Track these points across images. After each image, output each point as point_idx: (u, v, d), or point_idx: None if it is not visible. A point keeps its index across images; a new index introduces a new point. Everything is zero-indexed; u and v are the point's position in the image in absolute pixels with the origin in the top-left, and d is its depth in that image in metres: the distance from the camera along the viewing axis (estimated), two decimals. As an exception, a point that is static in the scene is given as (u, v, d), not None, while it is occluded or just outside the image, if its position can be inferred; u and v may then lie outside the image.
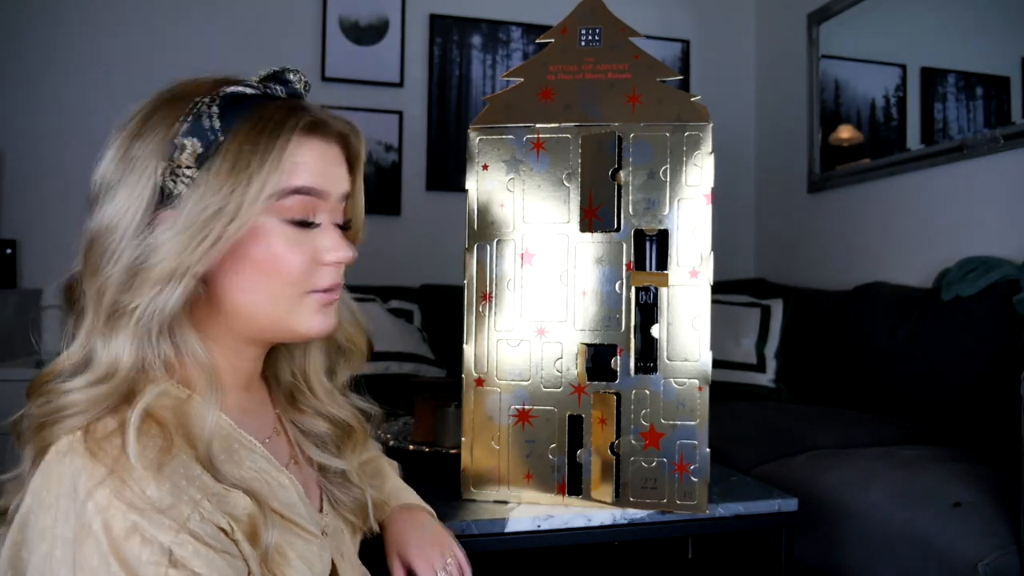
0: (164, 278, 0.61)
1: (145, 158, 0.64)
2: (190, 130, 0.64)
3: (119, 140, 0.66)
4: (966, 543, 1.30)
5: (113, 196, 0.64)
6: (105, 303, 0.62)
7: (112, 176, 0.65)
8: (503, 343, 1.13)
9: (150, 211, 0.63)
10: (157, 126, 0.65)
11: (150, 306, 0.61)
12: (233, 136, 0.64)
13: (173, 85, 0.68)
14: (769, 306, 2.69)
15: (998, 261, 2.07)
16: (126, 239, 0.63)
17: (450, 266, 2.82)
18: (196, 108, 0.65)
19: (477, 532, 1.07)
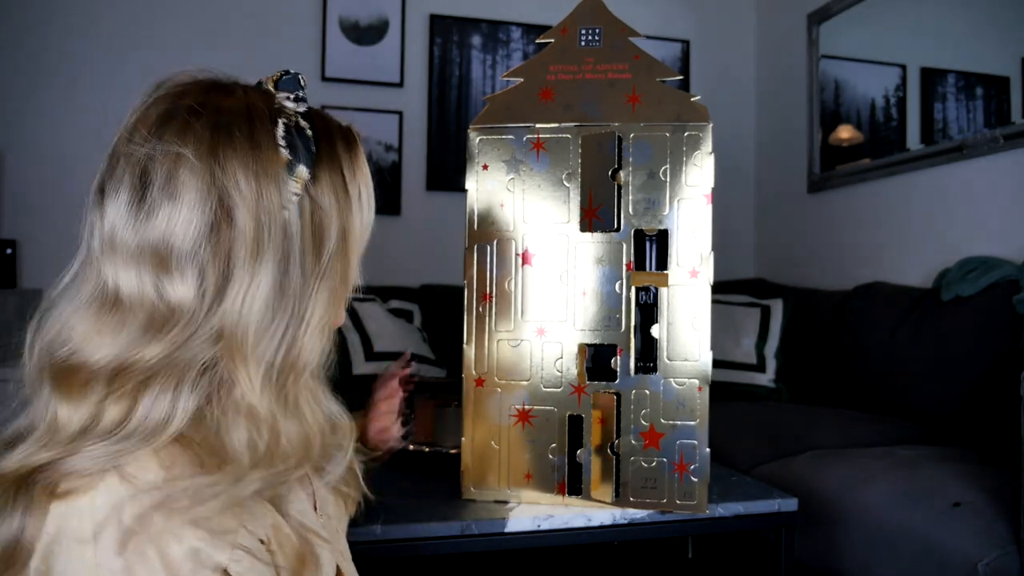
0: (320, 326, 0.58)
1: (266, 192, 0.56)
2: (294, 154, 0.58)
3: (192, 179, 0.54)
4: (966, 543, 1.30)
5: (250, 252, 0.55)
6: (260, 386, 0.56)
7: (211, 228, 0.55)
8: (503, 343, 1.13)
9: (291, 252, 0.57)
10: (249, 149, 0.56)
11: (319, 356, 0.58)
12: (320, 159, 0.60)
13: (204, 98, 0.58)
14: (769, 306, 2.69)
15: (998, 261, 2.07)
16: (289, 291, 0.57)
17: (450, 266, 2.83)
18: (290, 127, 0.59)
19: (477, 532, 1.07)
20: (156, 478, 0.51)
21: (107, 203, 0.56)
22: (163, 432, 0.53)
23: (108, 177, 0.57)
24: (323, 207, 0.59)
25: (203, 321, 0.54)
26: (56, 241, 2.77)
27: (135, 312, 0.54)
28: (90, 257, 0.57)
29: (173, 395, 0.54)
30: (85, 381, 0.53)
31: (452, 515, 1.08)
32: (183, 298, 0.54)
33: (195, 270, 0.54)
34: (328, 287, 0.59)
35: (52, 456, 0.51)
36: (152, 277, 0.54)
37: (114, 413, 0.53)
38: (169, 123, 0.56)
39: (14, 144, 2.69)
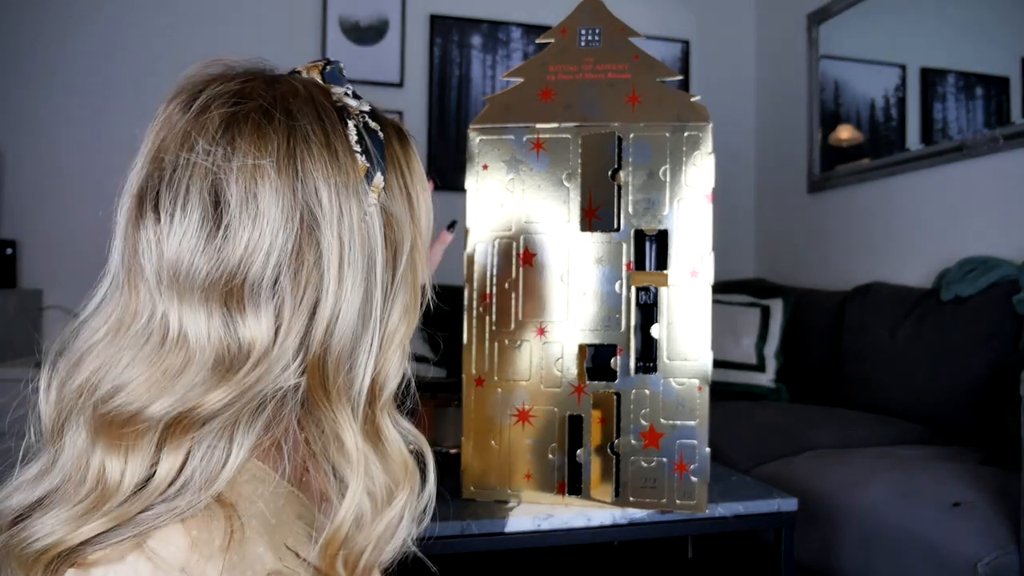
0: (401, 345, 0.53)
1: (348, 206, 0.49)
2: (370, 161, 0.52)
3: (274, 196, 0.47)
4: (966, 543, 1.30)
5: (336, 273, 0.48)
6: (355, 425, 0.50)
7: (292, 244, 0.47)
8: (503, 343, 1.13)
9: None
10: (328, 158, 0.49)
11: (395, 386, 0.53)
12: (390, 161, 0.54)
13: (270, 97, 0.50)
14: (769, 306, 2.69)
15: (998, 261, 2.07)
16: (374, 313, 0.51)
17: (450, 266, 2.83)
18: (360, 129, 0.52)
19: (477, 532, 1.07)
20: (179, 556, 0.44)
21: (168, 222, 0.47)
22: (217, 480, 0.46)
23: (165, 190, 0.47)
24: (395, 216, 0.53)
25: (277, 357, 0.48)
26: (56, 241, 2.78)
27: (203, 353, 0.46)
28: (136, 285, 0.48)
29: (228, 439, 0.47)
30: (139, 432, 0.46)
31: (452, 515, 1.08)
32: (256, 336, 0.47)
33: (272, 303, 0.47)
34: (403, 302, 0.54)
35: (104, 526, 0.44)
36: (221, 311, 0.47)
37: (168, 464, 0.46)
38: (240, 128, 0.48)
39: (14, 144, 2.69)
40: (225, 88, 0.50)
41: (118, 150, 0.53)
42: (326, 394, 0.49)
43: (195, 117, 0.48)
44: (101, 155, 2.72)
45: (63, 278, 2.65)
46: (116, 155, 0.53)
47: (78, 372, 0.48)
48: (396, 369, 0.54)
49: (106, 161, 2.73)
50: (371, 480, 0.51)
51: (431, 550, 1.06)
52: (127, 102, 2.76)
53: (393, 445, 0.53)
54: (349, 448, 0.50)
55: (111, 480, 0.45)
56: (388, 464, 0.53)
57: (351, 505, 0.49)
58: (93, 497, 0.45)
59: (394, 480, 0.52)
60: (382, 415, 0.53)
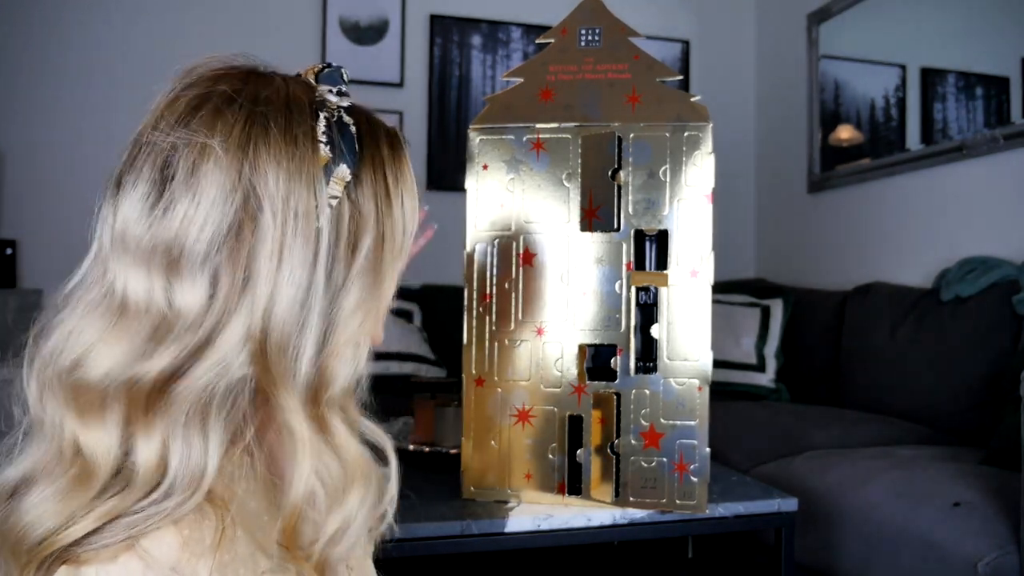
0: (353, 341, 0.53)
1: (298, 192, 0.50)
2: (334, 152, 0.52)
3: (217, 174, 0.49)
4: (966, 543, 1.30)
5: (276, 255, 0.49)
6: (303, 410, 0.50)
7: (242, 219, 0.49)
8: (503, 343, 1.13)
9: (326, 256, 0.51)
10: (284, 145, 0.50)
11: (351, 376, 0.53)
12: (363, 160, 0.55)
13: (240, 85, 0.52)
14: (769, 306, 2.69)
15: (998, 261, 2.07)
16: (316, 302, 0.51)
17: (450, 266, 2.82)
18: (331, 123, 0.53)
19: (477, 532, 1.07)
20: (171, 555, 0.45)
21: (122, 195, 0.50)
22: (202, 480, 0.47)
23: (127, 168, 0.51)
24: (362, 212, 0.54)
25: (215, 330, 0.49)
26: (56, 241, 2.77)
27: (141, 318, 0.49)
28: (100, 255, 0.52)
29: (201, 430, 0.48)
30: (99, 401, 0.48)
31: (452, 515, 1.08)
32: (189, 304, 0.48)
33: (206, 273, 0.49)
34: (357, 297, 0.54)
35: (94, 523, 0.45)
36: (162, 280, 0.48)
37: (146, 455, 0.47)
38: (199, 110, 0.50)
39: (14, 144, 2.69)
40: (202, 75, 0.53)
41: (119, 150, 0.55)
42: (271, 378, 0.50)
43: (169, 103, 0.52)
44: (101, 155, 2.71)
45: (63, 278, 2.63)
46: (116, 155, 0.55)
47: (47, 341, 0.50)
48: (346, 363, 0.53)
49: (106, 161, 2.72)
50: (324, 467, 0.51)
51: (431, 550, 1.06)
52: (127, 102, 2.75)
53: (342, 441, 0.53)
54: (298, 435, 0.50)
55: (86, 453, 0.47)
56: (338, 461, 0.52)
57: (300, 484, 0.50)
58: (74, 474, 0.47)
59: (344, 478, 0.52)
60: (330, 410, 0.53)
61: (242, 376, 0.50)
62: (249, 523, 0.50)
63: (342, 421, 0.53)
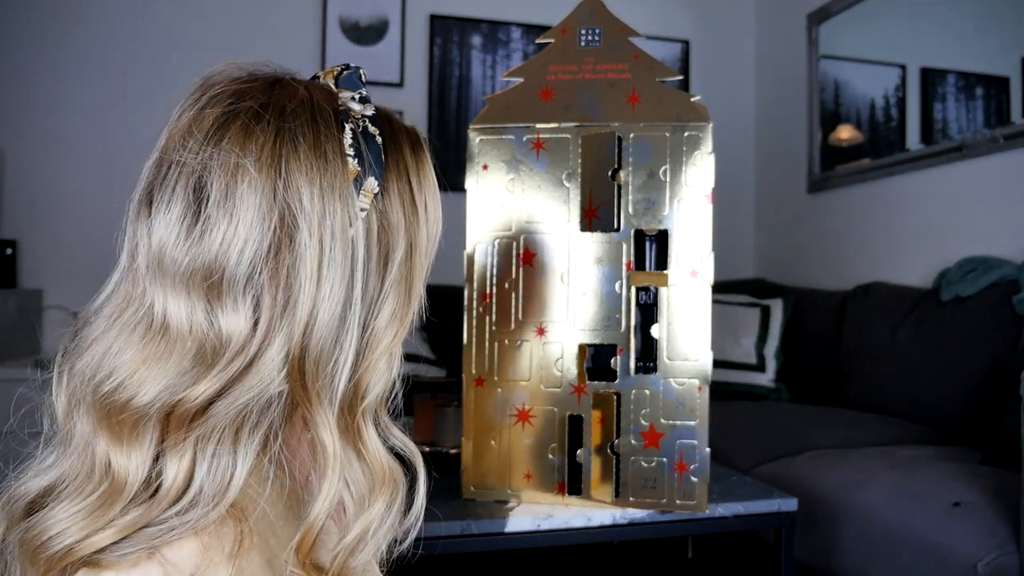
0: (388, 352, 0.53)
1: (332, 209, 0.50)
2: (363, 165, 0.52)
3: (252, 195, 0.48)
4: (966, 543, 1.30)
5: (315, 275, 0.49)
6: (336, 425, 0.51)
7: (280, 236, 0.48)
8: (503, 343, 1.13)
9: None
10: (315, 160, 0.50)
11: (386, 385, 0.53)
12: (388, 168, 0.55)
13: (265, 98, 0.52)
14: (769, 306, 2.69)
15: (998, 261, 2.07)
16: (353, 317, 0.51)
17: (450, 266, 2.83)
18: (357, 134, 0.53)
19: (477, 532, 1.07)
20: (190, 562, 0.45)
21: (156, 215, 0.49)
22: (227, 493, 0.47)
23: (158, 186, 0.50)
24: (391, 222, 0.54)
25: (258, 353, 0.49)
26: (56, 241, 2.78)
27: (183, 341, 0.48)
28: (134, 275, 0.51)
29: (232, 446, 0.48)
30: (135, 422, 0.47)
31: (452, 515, 1.08)
32: (235, 328, 0.48)
33: (250, 297, 0.49)
34: (391, 308, 0.54)
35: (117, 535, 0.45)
36: (203, 303, 0.48)
37: (175, 471, 0.47)
38: (228, 128, 0.50)
39: (14, 144, 2.69)
40: (226, 89, 0.52)
41: (118, 150, 0.54)
42: (306, 395, 0.50)
43: (195, 117, 0.51)
44: (101, 155, 2.72)
45: (63, 278, 2.65)
46: (116, 155, 0.55)
47: (81, 358, 0.50)
48: (381, 374, 0.54)
49: (106, 161, 2.73)
50: (351, 478, 0.52)
51: (432, 550, 1.06)
52: (127, 102, 2.76)
53: (373, 451, 0.53)
54: (328, 449, 0.50)
55: (117, 473, 0.46)
56: (367, 469, 0.53)
57: (326, 499, 0.50)
58: (102, 492, 0.46)
59: (371, 486, 0.53)
60: (364, 420, 0.53)
61: (279, 392, 0.50)
62: (266, 532, 0.49)
63: (375, 433, 0.54)
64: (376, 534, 0.53)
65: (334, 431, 0.51)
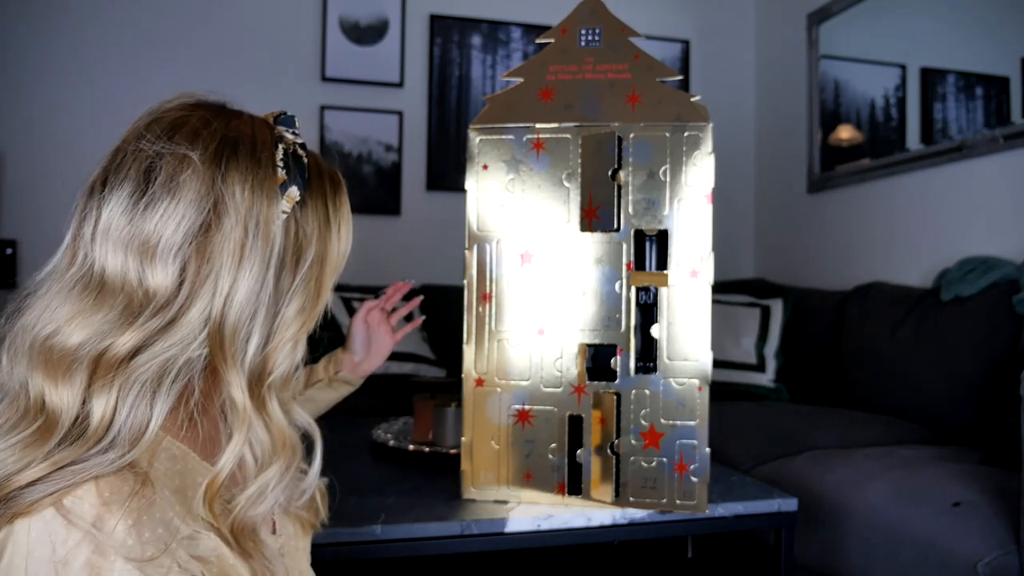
0: (293, 339, 0.62)
1: (259, 205, 0.60)
2: (289, 175, 0.63)
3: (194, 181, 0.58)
4: (966, 543, 1.30)
5: (237, 255, 0.58)
6: (247, 388, 0.60)
7: (207, 225, 0.58)
8: (503, 343, 1.13)
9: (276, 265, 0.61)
10: (250, 164, 0.60)
11: (289, 368, 0.62)
12: (310, 188, 0.65)
13: (216, 113, 0.63)
14: (769, 306, 2.69)
15: (998, 261, 2.07)
16: (266, 297, 0.60)
17: (450, 266, 2.83)
18: (288, 152, 0.63)
19: (477, 532, 1.07)
20: (91, 512, 0.51)
21: (108, 192, 0.58)
22: (142, 439, 0.54)
23: (112, 170, 0.59)
24: (305, 230, 0.64)
25: (179, 313, 0.57)
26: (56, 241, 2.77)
27: (115, 295, 0.56)
28: (78, 243, 0.59)
29: (151, 398, 0.56)
30: (68, 364, 0.55)
31: (452, 515, 1.08)
32: (160, 285, 0.56)
33: (177, 263, 0.57)
34: (300, 303, 0.63)
35: (45, 470, 0.51)
36: (136, 263, 0.57)
37: (99, 409, 0.54)
38: (181, 128, 0.60)
39: (14, 144, 2.69)
40: (184, 102, 0.63)
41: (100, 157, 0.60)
42: (223, 357, 0.58)
43: (154, 118, 0.62)
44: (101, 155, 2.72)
45: (63, 278, 2.64)
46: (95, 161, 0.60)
47: (22, 316, 0.58)
48: (286, 356, 0.63)
49: (106, 161, 2.73)
50: (255, 437, 0.60)
51: (431, 550, 1.06)
52: (127, 102, 2.75)
53: (275, 421, 0.62)
54: (239, 405, 0.59)
55: (51, 408, 0.54)
56: (269, 436, 0.61)
57: (234, 448, 0.59)
58: (37, 427, 0.53)
59: (272, 450, 0.61)
60: (268, 394, 0.62)
61: (198, 355, 0.58)
62: (172, 488, 0.56)
63: (278, 405, 0.62)
64: (274, 491, 0.62)
65: (245, 391, 0.59)
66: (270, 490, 0.61)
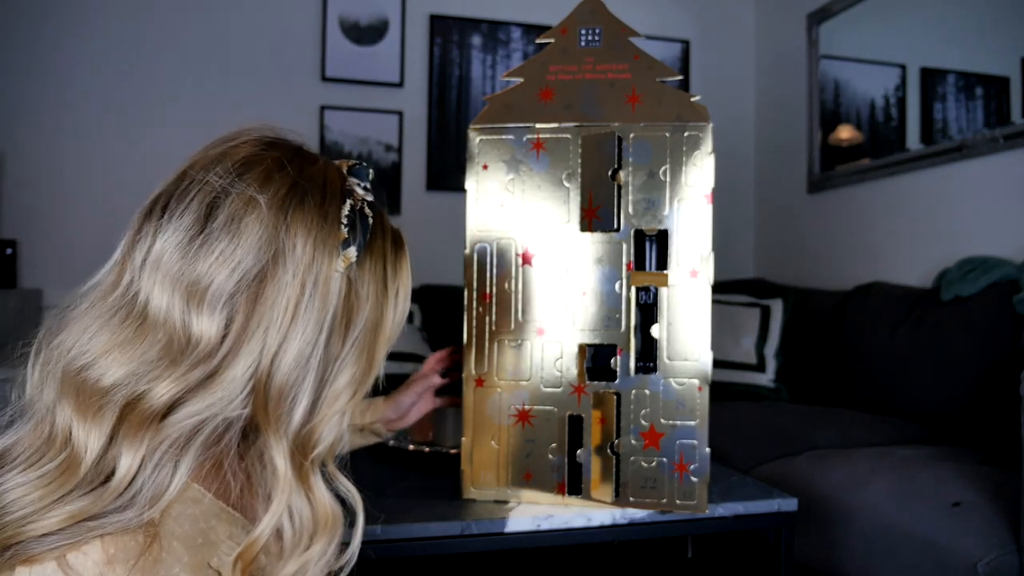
0: (341, 411, 0.58)
1: (319, 261, 0.56)
2: (351, 235, 0.59)
3: (257, 226, 0.54)
4: (966, 543, 1.30)
5: (291, 311, 0.55)
6: (290, 457, 0.55)
7: (266, 275, 0.54)
8: (503, 343, 1.13)
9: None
10: (316, 217, 0.57)
11: (335, 440, 0.59)
12: (371, 249, 0.61)
13: (291, 157, 0.59)
14: (769, 306, 2.69)
15: (998, 261, 2.07)
16: (317, 360, 0.56)
17: (450, 266, 2.83)
18: (355, 209, 0.60)
19: (477, 532, 1.07)
20: (93, 571, 0.48)
21: (167, 219, 0.55)
22: (161, 499, 0.51)
23: (176, 196, 0.56)
24: (359, 293, 0.60)
25: (221, 367, 0.53)
26: (56, 241, 2.78)
27: (156, 332, 0.53)
28: (127, 266, 0.56)
29: (177, 457, 0.53)
30: (100, 404, 0.51)
31: (452, 515, 1.08)
32: (204, 333, 0.53)
33: (224, 312, 0.54)
34: (351, 373, 0.59)
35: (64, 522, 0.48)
36: (183, 304, 0.53)
37: (126, 463, 0.51)
38: (254, 167, 0.57)
39: (14, 144, 2.69)
40: (260, 137, 0.60)
41: (118, 150, 0.58)
42: (266, 419, 0.55)
43: (228, 149, 0.58)
44: (101, 155, 2.72)
45: (63, 278, 2.65)
46: (116, 155, 0.59)
47: (58, 335, 0.55)
48: (333, 428, 0.59)
49: (106, 161, 2.73)
50: (296, 509, 0.56)
51: (431, 550, 1.06)
52: (127, 102, 2.76)
53: (318, 496, 0.58)
54: (280, 472, 0.55)
55: (76, 444, 0.51)
56: (312, 511, 0.57)
57: (271, 519, 0.54)
58: (61, 462, 0.50)
59: (314, 528, 0.57)
60: (313, 467, 0.58)
61: (238, 416, 0.55)
62: (182, 535, 0.53)
63: (320, 480, 0.59)
64: (312, 571, 0.58)
65: (287, 456, 0.55)
66: (311, 568, 0.58)
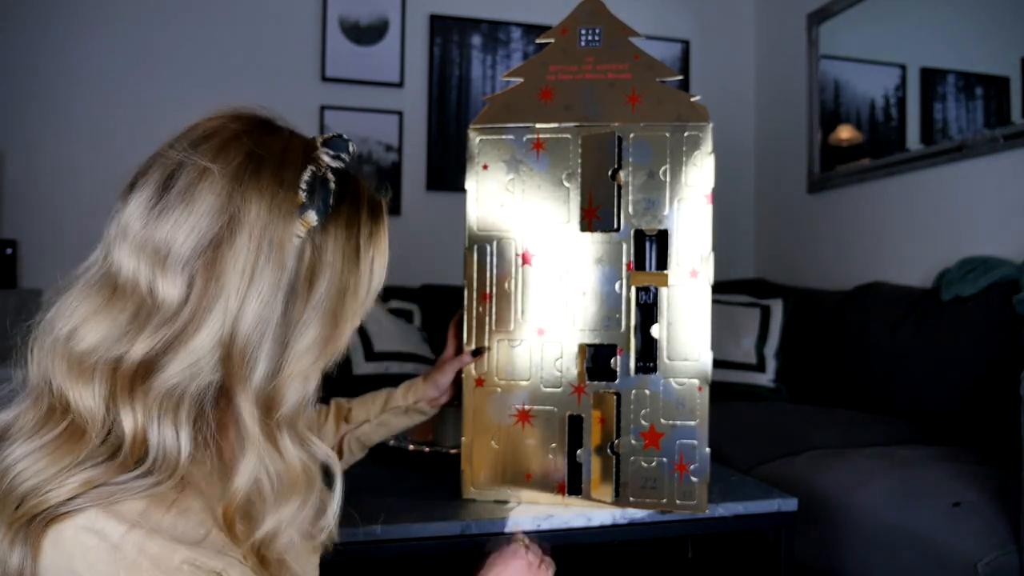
0: (303, 374, 0.60)
1: (274, 225, 0.58)
2: (310, 199, 0.60)
3: (210, 194, 0.57)
4: (966, 543, 1.30)
5: (248, 274, 0.57)
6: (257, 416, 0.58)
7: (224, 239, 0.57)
8: (503, 343, 1.13)
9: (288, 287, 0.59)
10: (271, 183, 0.59)
11: (300, 401, 0.60)
12: (339, 216, 0.62)
13: (250, 128, 0.61)
14: (769, 306, 2.69)
15: (998, 261, 2.07)
16: (275, 321, 0.58)
17: (450, 266, 2.82)
18: (316, 176, 0.61)
19: (477, 532, 1.07)
20: (136, 508, 0.52)
21: (132, 195, 0.59)
22: (178, 466, 0.55)
23: (141, 174, 0.60)
24: (323, 258, 0.61)
25: (187, 328, 0.56)
26: (56, 241, 2.78)
27: (126, 298, 0.57)
28: (105, 243, 0.60)
29: (174, 423, 0.56)
30: (87, 368, 0.55)
31: (452, 515, 1.08)
32: (168, 297, 0.56)
33: (186, 274, 0.56)
34: (313, 335, 0.61)
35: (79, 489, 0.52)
36: (148, 269, 0.57)
37: (128, 425, 0.54)
38: (210, 139, 0.60)
39: (14, 144, 2.69)
40: (226, 113, 0.62)
41: (118, 150, 0.61)
42: (231, 380, 0.57)
43: (190, 127, 0.61)
44: (101, 155, 2.72)
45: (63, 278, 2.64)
46: (116, 155, 0.61)
47: (47, 314, 0.59)
48: (295, 391, 0.60)
49: (106, 161, 2.73)
50: (269, 464, 0.59)
51: (432, 550, 1.06)
52: (127, 102, 2.76)
53: (288, 455, 0.60)
54: (250, 430, 0.58)
55: (77, 410, 0.54)
56: (284, 470, 0.60)
57: (243, 474, 0.57)
58: (64, 431, 0.54)
59: (289, 483, 0.60)
60: (279, 429, 0.60)
61: (210, 381, 0.57)
62: (200, 503, 0.56)
63: (291, 438, 0.61)
64: (287, 530, 0.60)
65: (254, 414, 0.58)
66: (284, 527, 0.60)
